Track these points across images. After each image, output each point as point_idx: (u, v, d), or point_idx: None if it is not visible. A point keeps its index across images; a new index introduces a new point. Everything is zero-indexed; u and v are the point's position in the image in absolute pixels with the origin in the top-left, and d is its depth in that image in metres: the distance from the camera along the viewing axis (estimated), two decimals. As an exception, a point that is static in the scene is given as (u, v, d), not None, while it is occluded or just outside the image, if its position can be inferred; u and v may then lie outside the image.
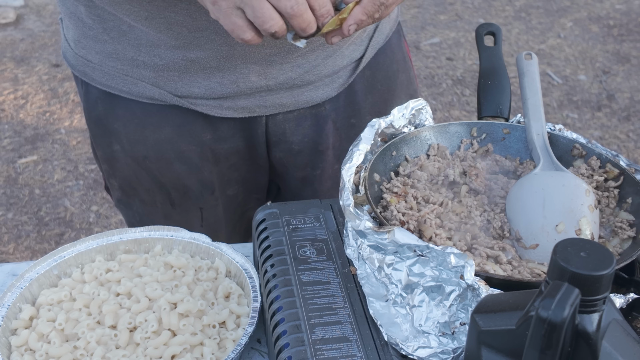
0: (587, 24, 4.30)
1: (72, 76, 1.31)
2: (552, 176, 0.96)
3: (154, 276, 1.00)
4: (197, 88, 1.14)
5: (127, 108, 1.19)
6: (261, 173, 1.30)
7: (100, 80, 1.19)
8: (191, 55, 1.11)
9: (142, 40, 1.11)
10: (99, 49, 1.16)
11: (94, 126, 1.25)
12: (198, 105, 1.16)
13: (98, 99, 1.21)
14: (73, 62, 1.22)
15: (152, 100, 1.17)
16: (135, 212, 1.33)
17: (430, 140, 1.06)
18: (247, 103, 1.17)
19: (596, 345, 0.59)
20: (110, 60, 1.16)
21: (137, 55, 1.13)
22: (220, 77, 1.13)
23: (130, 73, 1.15)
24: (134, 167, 1.25)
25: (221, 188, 1.28)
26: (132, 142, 1.22)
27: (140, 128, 1.20)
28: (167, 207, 1.29)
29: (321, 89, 1.21)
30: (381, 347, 0.81)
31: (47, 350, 0.89)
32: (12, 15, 4.26)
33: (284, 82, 1.16)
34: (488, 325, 0.64)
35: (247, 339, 0.89)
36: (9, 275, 1.06)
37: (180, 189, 1.26)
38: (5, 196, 2.92)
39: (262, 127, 1.22)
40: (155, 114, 1.18)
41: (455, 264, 0.79)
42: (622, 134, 3.34)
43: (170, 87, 1.15)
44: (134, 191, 1.29)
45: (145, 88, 1.16)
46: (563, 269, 0.57)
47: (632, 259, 0.85)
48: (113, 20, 1.11)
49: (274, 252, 0.94)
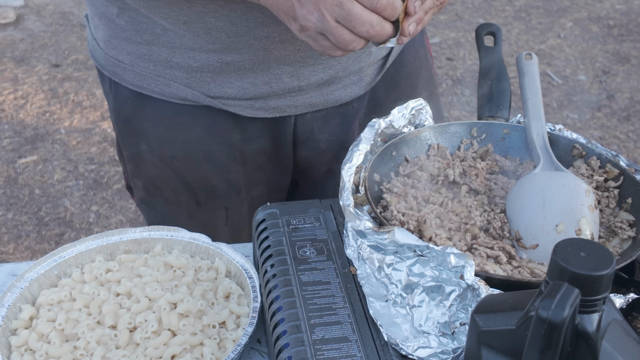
0: (587, 24, 4.30)
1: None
2: (552, 176, 0.96)
3: (154, 276, 1.00)
4: (229, 89, 1.15)
5: (157, 108, 1.20)
6: (285, 173, 1.31)
7: (131, 81, 1.19)
8: (227, 58, 1.12)
9: (177, 44, 1.12)
10: (131, 50, 1.16)
11: (122, 126, 1.26)
12: (230, 105, 1.17)
13: (128, 99, 1.22)
14: (103, 62, 1.22)
15: (183, 101, 1.18)
16: (158, 211, 1.34)
17: (430, 141, 1.06)
18: (278, 103, 1.18)
19: (596, 345, 0.59)
20: (142, 61, 1.16)
21: (170, 56, 1.14)
22: (254, 78, 1.14)
23: (163, 74, 1.16)
24: (160, 167, 1.26)
25: (247, 189, 1.29)
26: (161, 142, 1.23)
27: (170, 128, 1.21)
28: (192, 207, 1.30)
29: (349, 88, 1.23)
30: (381, 347, 0.81)
31: (47, 351, 0.89)
32: (12, 15, 4.26)
33: (315, 82, 1.18)
34: (488, 325, 0.64)
35: (247, 339, 0.89)
36: (9, 275, 1.06)
37: (207, 188, 1.27)
38: (5, 196, 2.92)
39: (290, 126, 1.23)
40: (186, 115, 1.19)
41: (455, 264, 0.79)
42: (622, 134, 3.34)
43: (202, 88, 1.16)
44: (158, 191, 1.30)
45: (177, 89, 1.16)
46: (563, 269, 0.57)
47: (632, 259, 0.85)
48: (147, 22, 1.11)
49: (274, 252, 0.94)
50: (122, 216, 2.84)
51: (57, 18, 4.29)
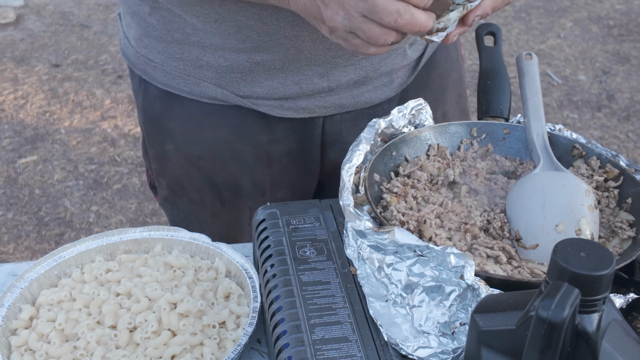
0: (587, 24, 4.30)
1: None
2: (552, 176, 0.96)
3: (153, 276, 1.00)
4: (259, 88, 1.16)
5: (185, 108, 1.20)
6: (311, 178, 1.31)
7: (160, 80, 1.20)
8: (257, 58, 1.12)
9: (207, 43, 1.12)
10: (162, 49, 1.17)
11: (149, 125, 1.26)
12: (259, 105, 1.17)
13: (156, 98, 1.22)
14: (134, 60, 1.23)
15: (213, 100, 1.18)
16: (181, 211, 1.34)
17: (430, 140, 1.06)
18: (307, 104, 1.18)
19: (596, 345, 0.59)
20: (172, 61, 1.17)
21: (201, 56, 1.14)
22: (283, 79, 1.14)
23: (193, 73, 1.16)
24: (186, 167, 1.26)
25: (272, 191, 1.29)
26: (187, 142, 1.23)
27: (198, 128, 1.21)
28: (216, 207, 1.30)
29: (380, 90, 1.22)
30: (381, 347, 0.81)
31: (47, 351, 0.89)
32: (12, 15, 4.26)
33: (345, 83, 1.17)
34: (488, 325, 0.64)
35: (247, 339, 0.89)
36: (9, 275, 1.06)
37: (232, 188, 1.27)
38: (5, 196, 2.92)
39: (318, 127, 1.23)
40: (214, 114, 1.20)
41: (455, 264, 0.79)
42: (622, 134, 3.34)
43: (232, 87, 1.16)
44: (183, 190, 1.30)
45: (207, 88, 1.17)
46: (563, 269, 0.57)
47: (632, 259, 0.85)
48: (178, 21, 1.12)
49: (274, 252, 0.94)
50: (122, 216, 2.84)
51: (57, 18, 4.29)
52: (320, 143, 1.25)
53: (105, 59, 3.87)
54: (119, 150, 3.17)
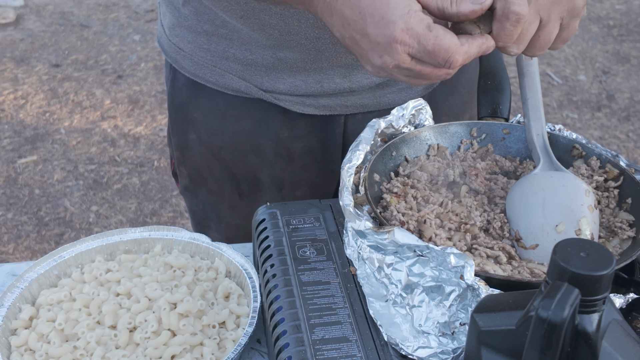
0: (587, 24, 4.30)
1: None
2: (552, 176, 0.96)
3: (153, 276, 1.00)
4: (282, 84, 1.17)
5: (210, 98, 1.22)
6: (331, 179, 1.31)
7: (188, 69, 1.22)
8: (280, 55, 1.13)
9: (234, 36, 1.14)
10: (191, 39, 1.19)
11: (174, 112, 1.29)
12: (281, 100, 1.19)
13: (184, 86, 1.25)
14: (166, 48, 1.26)
15: (237, 93, 1.20)
16: (200, 200, 1.36)
17: (430, 141, 1.06)
18: (328, 102, 1.19)
19: (596, 345, 0.59)
20: (200, 51, 1.19)
21: (228, 48, 1.16)
22: (306, 77, 1.15)
23: (219, 65, 1.18)
24: (207, 157, 1.28)
25: (290, 188, 1.30)
26: (210, 132, 1.25)
27: (221, 119, 1.23)
28: (234, 198, 1.32)
29: (404, 92, 1.22)
30: (381, 347, 0.81)
31: (47, 351, 0.89)
32: (12, 15, 4.26)
33: (367, 85, 1.18)
34: (488, 325, 0.64)
35: (247, 339, 0.89)
36: (9, 275, 1.06)
37: (250, 181, 1.29)
38: (5, 196, 2.92)
39: (340, 126, 1.24)
40: (238, 106, 1.21)
41: (455, 264, 0.79)
42: (622, 134, 3.34)
43: (256, 81, 1.18)
44: (202, 180, 1.32)
45: (232, 80, 1.19)
46: (563, 269, 0.57)
47: (632, 259, 0.85)
48: (208, 13, 1.14)
49: (274, 252, 0.94)
50: (122, 216, 2.84)
51: (57, 18, 4.29)
52: (341, 143, 1.26)
53: (105, 59, 3.88)
54: (119, 150, 3.17)
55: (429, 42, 0.76)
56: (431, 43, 0.76)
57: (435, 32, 0.76)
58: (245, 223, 1.33)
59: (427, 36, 0.76)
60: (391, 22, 0.76)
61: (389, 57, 0.78)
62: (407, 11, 0.76)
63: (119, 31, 4.17)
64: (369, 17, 0.77)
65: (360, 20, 0.78)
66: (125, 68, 3.80)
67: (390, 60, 0.79)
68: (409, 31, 0.76)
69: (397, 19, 0.76)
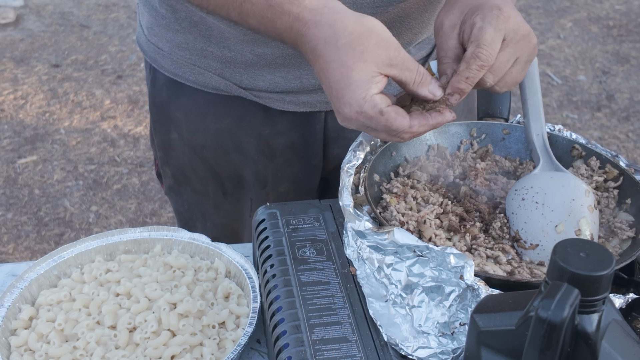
0: (586, 24, 4.30)
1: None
2: (552, 176, 0.96)
3: (153, 276, 1.00)
4: (261, 82, 1.17)
5: (190, 97, 1.23)
6: (314, 174, 1.31)
7: (168, 68, 1.22)
8: (259, 50, 1.13)
9: (213, 32, 1.14)
10: (170, 38, 1.19)
11: (155, 112, 1.29)
12: (261, 97, 1.19)
13: (164, 86, 1.25)
14: (145, 48, 1.26)
15: (216, 91, 1.20)
16: (185, 200, 1.36)
17: (430, 141, 1.06)
18: (308, 98, 1.19)
19: (596, 345, 0.59)
20: (179, 50, 1.19)
21: (206, 46, 1.16)
22: (285, 73, 1.16)
23: (198, 63, 1.19)
24: (190, 156, 1.28)
25: (273, 184, 1.30)
26: (192, 131, 1.25)
27: (202, 117, 1.23)
28: (218, 197, 1.32)
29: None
30: (381, 348, 0.81)
31: (46, 351, 0.89)
32: (12, 15, 4.26)
33: None
34: (488, 325, 0.64)
35: (246, 339, 0.89)
36: (9, 276, 1.06)
37: (234, 178, 1.29)
38: (5, 196, 2.92)
39: (320, 122, 1.24)
40: (218, 104, 1.22)
41: (454, 264, 0.79)
42: (622, 134, 3.34)
43: (235, 78, 1.18)
44: (186, 180, 1.32)
45: (211, 78, 1.19)
46: (563, 269, 0.57)
47: (632, 259, 0.85)
48: (185, 10, 1.14)
49: (273, 253, 0.94)
50: (121, 216, 2.83)
51: (57, 18, 4.29)
52: (322, 138, 1.26)
53: (105, 59, 3.87)
54: (119, 151, 3.17)
55: (379, 124, 0.85)
56: (382, 125, 0.85)
57: (387, 117, 0.85)
58: (230, 222, 1.33)
59: (378, 119, 0.85)
60: (347, 104, 0.85)
61: (348, 124, 0.89)
62: (363, 96, 0.84)
63: (119, 31, 4.17)
64: (334, 90, 0.86)
65: (327, 89, 0.87)
66: (125, 68, 3.80)
67: (349, 125, 0.89)
68: (362, 114, 0.85)
69: (354, 102, 0.85)
